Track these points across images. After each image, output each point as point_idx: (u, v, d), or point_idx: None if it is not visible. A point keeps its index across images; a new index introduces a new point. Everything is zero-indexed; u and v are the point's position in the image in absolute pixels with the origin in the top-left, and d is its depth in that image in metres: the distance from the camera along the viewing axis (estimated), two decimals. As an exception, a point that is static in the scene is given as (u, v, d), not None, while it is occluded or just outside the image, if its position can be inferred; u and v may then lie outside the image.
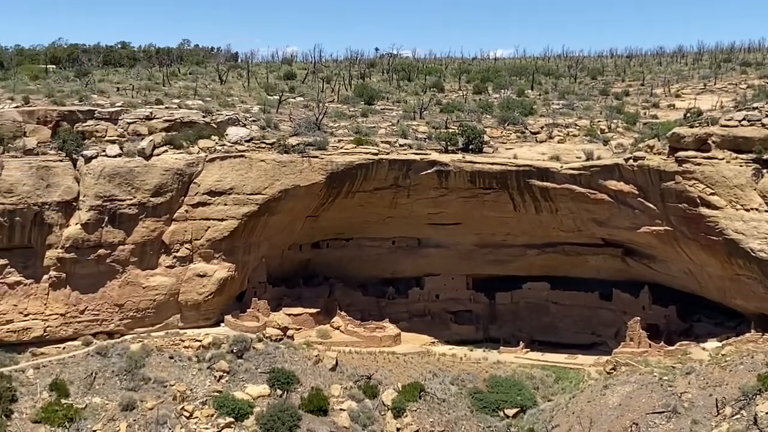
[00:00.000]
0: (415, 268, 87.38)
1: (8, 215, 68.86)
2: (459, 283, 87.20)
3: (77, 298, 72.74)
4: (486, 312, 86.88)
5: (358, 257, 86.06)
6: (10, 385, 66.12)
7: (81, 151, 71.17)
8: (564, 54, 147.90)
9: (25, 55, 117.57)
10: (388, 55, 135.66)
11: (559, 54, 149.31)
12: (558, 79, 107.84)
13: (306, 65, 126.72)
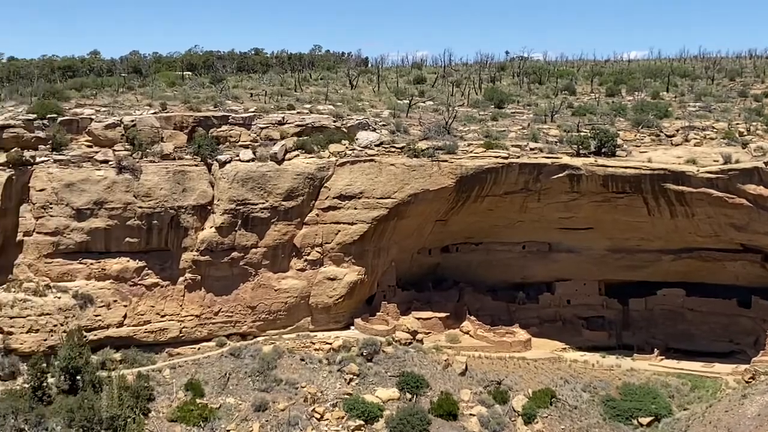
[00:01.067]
0: (545, 273, 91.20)
1: (146, 218, 77.46)
2: (591, 289, 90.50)
3: (212, 299, 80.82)
4: (619, 318, 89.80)
5: (488, 261, 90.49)
6: (147, 385, 74.14)
7: (215, 156, 78.90)
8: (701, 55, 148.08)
9: (162, 62, 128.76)
10: (519, 58, 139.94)
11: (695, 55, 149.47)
12: (694, 80, 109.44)
13: (436, 69, 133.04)
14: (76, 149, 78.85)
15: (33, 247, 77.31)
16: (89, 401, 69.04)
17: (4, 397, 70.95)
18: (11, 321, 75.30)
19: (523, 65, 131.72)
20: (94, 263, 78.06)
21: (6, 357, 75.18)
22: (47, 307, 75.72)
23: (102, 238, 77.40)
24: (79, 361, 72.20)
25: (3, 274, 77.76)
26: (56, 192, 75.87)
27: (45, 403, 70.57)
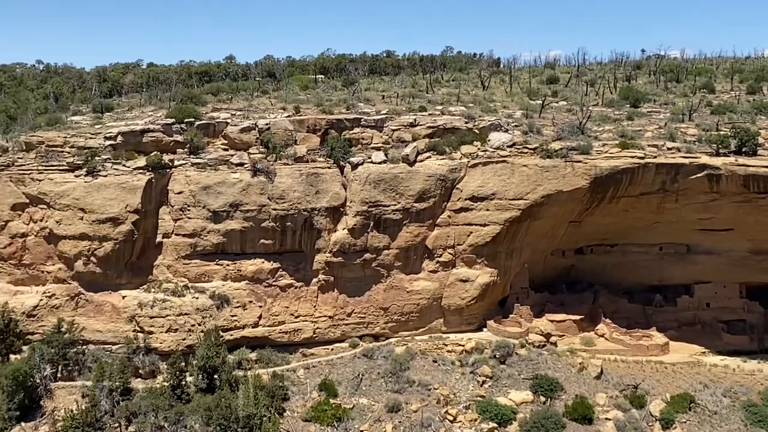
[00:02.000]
0: (683, 275, 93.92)
1: (280, 220, 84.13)
2: (731, 291, 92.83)
3: (344, 301, 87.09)
4: (761, 322, 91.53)
5: (623, 263, 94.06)
6: (282, 384, 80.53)
7: (348, 158, 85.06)
8: None
9: (295, 66, 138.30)
10: (655, 56, 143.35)
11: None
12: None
13: (569, 69, 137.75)
14: (212, 152, 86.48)
15: (172, 248, 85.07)
16: (226, 400, 74.85)
17: (144, 395, 78.30)
18: (151, 321, 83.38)
19: (659, 63, 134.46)
20: (230, 264, 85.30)
21: (146, 356, 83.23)
22: (185, 307, 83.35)
23: (238, 239, 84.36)
24: (216, 360, 79.04)
25: (143, 275, 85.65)
26: (194, 194, 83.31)
27: (184, 401, 77.46)
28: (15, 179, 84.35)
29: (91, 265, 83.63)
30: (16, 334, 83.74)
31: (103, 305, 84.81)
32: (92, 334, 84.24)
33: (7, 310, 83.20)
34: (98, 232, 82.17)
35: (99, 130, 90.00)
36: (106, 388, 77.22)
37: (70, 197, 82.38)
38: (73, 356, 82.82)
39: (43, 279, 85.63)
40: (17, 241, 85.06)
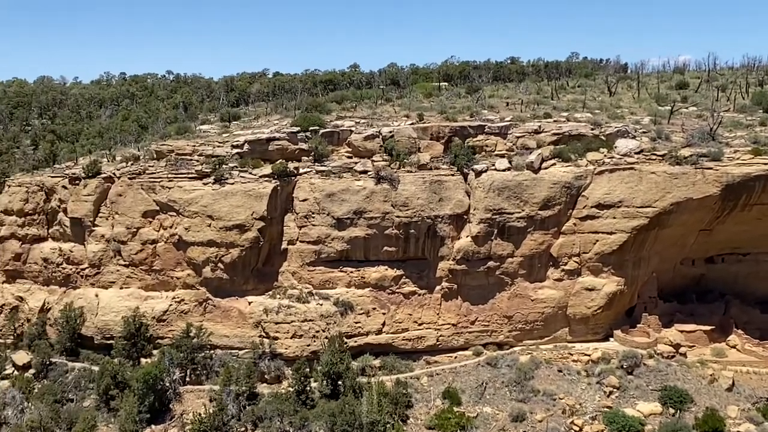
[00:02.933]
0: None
1: (404, 228, 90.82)
2: None
3: (468, 308, 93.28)
4: None
5: (756, 273, 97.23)
6: (406, 391, 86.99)
7: (471, 166, 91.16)
8: None
9: (419, 73, 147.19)
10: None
11: None
12: None
13: (699, 74, 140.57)
14: (336, 160, 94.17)
15: (297, 255, 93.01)
16: (350, 406, 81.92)
17: (270, 400, 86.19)
18: (277, 326, 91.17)
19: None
20: (353, 271, 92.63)
21: (272, 361, 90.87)
22: (310, 313, 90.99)
23: (361, 246, 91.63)
24: (340, 366, 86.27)
25: (269, 281, 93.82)
26: (318, 202, 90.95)
27: (308, 407, 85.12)
28: (146, 187, 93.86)
29: (218, 271, 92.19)
30: (147, 338, 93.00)
31: (230, 311, 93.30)
32: (219, 339, 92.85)
33: (139, 314, 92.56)
34: (225, 238, 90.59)
35: (226, 138, 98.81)
36: (233, 393, 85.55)
37: (198, 204, 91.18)
38: (201, 360, 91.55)
39: (172, 284, 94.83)
40: (148, 248, 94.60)
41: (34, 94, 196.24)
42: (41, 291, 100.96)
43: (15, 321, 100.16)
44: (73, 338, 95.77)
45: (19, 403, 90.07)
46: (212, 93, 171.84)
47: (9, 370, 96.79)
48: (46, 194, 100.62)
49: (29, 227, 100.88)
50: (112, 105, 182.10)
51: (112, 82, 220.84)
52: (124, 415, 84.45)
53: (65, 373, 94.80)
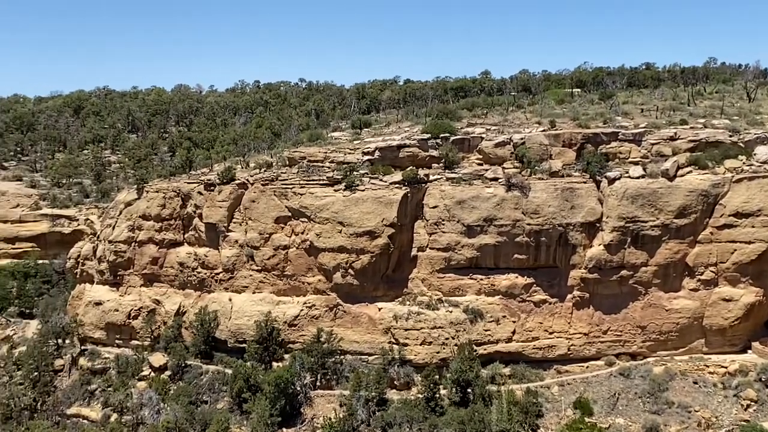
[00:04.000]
0: None
1: (534, 235, 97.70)
2: None
3: (600, 318, 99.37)
4: None
5: None
6: (536, 401, 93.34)
7: (604, 173, 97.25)
8: None
9: (551, 80, 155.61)
10: None
11: None
12: None
13: None
14: (467, 167, 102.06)
15: (426, 262, 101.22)
16: (479, 414, 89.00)
17: (399, 406, 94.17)
18: (406, 333, 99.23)
19: None
20: (483, 279, 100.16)
21: (401, 367, 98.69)
22: (439, 320, 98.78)
23: (491, 254, 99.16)
24: (469, 374, 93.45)
25: (398, 288, 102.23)
26: (448, 209, 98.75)
27: (437, 414, 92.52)
28: (278, 193, 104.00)
29: (349, 277, 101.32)
30: (279, 342, 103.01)
31: (360, 316, 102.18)
32: (349, 344, 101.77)
33: (271, 319, 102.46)
34: (356, 245, 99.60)
35: (357, 145, 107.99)
36: (362, 398, 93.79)
37: (329, 211, 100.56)
38: (331, 365, 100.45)
39: (303, 290, 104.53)
40: (280, 253, 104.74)
41: (172, 103, 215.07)
42: (177, 294, 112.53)
43: (152, 324, 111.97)
44: (208, 341, 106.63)
45: (156, 404, 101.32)
46: (344, 100, 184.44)
47: (146, 371, 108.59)
48: (182, 200, 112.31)
49: (166, 232, 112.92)
50: (246, 112, 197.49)
51: (247, 90, 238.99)
52: (256, 418, 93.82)
53: (200, 375, 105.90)
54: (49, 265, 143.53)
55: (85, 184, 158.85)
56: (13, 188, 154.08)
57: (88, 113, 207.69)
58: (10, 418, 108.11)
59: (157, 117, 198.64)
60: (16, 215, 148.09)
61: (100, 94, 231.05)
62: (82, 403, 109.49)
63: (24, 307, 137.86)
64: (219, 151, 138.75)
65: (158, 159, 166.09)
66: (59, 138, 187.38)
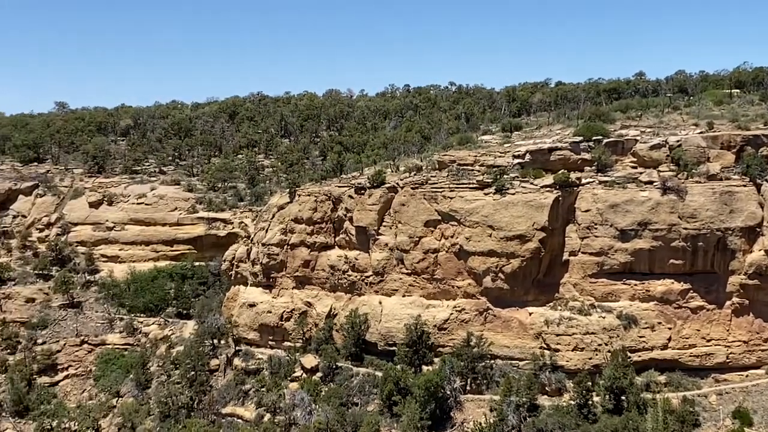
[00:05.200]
0: None
1: (691, 240, 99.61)
2: None
3: (760, 325, 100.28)
4: None
5: None
6: (693, 410, 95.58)
7: (765, 176, 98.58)
8: None
9: (709, 80, 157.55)
10: None
11: None
12: None
13: None
14: (620, 170, 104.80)
15: (578, 266, 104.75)
16: (634, 422, 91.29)
17: (551, 412, 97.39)
18: (558, 338, 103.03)
19: None
20: (637, 284, 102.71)
21: (553, 373, 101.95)
22: (592, 326, 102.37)
23: (645, 259, 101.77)
24: (623, 381, 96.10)
25: (550, 292, 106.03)
26: (601, 213, 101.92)
27: (590, 421, 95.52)
28: (428, 197, 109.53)
29: (498, 281, 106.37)
30: (428, 346, 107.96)
31: (510, 321, 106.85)
32: (499, 349, 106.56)
33: (420, 322, 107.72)
34: (506, 249, 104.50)
35: (508, 148, 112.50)
36: (513, 403, 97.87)
37: (479, 214, 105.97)
38: (481, 370, 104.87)
39: (453, 293, 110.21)
40: (429, 257, 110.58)
41: (323, 107, 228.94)
42: (328, 297, 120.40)
43: (304, 325, 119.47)
44: (358, 344, 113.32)
45: (307, 405, 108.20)
46: (494, 103, 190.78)
47: (298, 372, 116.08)
48: (333, 203, 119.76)
49: (317, 235, 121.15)
50: (396, 116, 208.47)
51: (397, 94, 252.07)
52: (406, 421, 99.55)
53: (350, 377, 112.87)
54: (205, 267, 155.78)
55: (239, 187, 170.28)
56: (171, 192, 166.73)
57: (242, 118, 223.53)
58: (168, 416, 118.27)
59: (309, 122, 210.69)
60: (174, 218, 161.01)
61: (254, 99, 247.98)
62: (237, 403, 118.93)
63: (181, 308, 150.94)
64: (369, 155, 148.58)
65: (310, 163, 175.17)
66: (215, 143, 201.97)
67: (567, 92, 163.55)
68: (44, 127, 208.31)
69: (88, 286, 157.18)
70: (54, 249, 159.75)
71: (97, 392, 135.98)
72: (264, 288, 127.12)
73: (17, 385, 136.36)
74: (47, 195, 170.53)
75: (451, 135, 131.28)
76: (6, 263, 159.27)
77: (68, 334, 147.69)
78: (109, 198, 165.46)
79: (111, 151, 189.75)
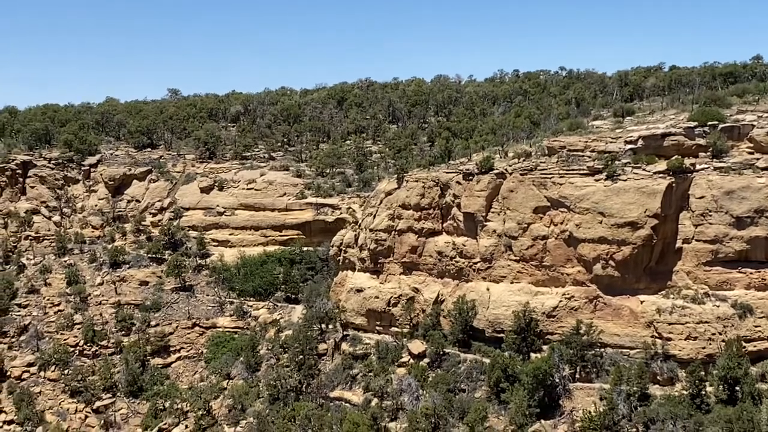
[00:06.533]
0: None
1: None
2: None
3: None
4: None
5: None
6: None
7: None
8: None
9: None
10: None
11: None
12: None
13: None
14: (736, 156, 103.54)
15: (692, 254, 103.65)
16: (748, 413, 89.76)
17: (662, 402, 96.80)
18: (670, 327, 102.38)
19: None
20: (753, 273, 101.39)
21: (665, 362, 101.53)
22: (705, 315, 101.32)
23: (762, 247, 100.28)
24: (737, 371, 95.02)
25: (662, 281, 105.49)
26: (715, 199, 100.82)
27: (703, 411, 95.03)
28: (537, 183, 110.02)
29: (609, 268, 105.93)
30: (537, 333, 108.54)
31: (620, 309, 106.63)
32: (609, 337, 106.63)
33: (529, 309, 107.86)
34: (617, 235, 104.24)
35: (619, 134, 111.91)
36: (623, 392, 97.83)
37: (589, 201, 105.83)
38: (590, 358, 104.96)
39: (562, 281, 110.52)
40: (538, 243, 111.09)
41: (431, 93, 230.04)
42: (435, 283, 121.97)
43: (411, 311, 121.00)
44: (465, 330, 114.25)
45: (415, 390, 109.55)
46: (605, 88, 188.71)
47: (405, 358, 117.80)
48: (440, 189, 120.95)
49: (425, 221, 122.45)
50: (504, 102, 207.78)
51: (506, 80, 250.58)
52: (514, 408, 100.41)
53: (457, 363, 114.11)
54: (314, 252, 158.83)
55: (347, 173, 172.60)
56: (280, 177, 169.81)
57: (350, 104, 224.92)
58: (277, 399, 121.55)
59: (416, 107, 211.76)
60: (283, 204, 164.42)
61: (362, 85, 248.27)
62: (345, 387, 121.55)
63: (290, 293, 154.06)
64: (477, 140, 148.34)
65: (418, 149, 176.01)
66: (323, 129, 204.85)
67: (681, 76, 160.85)
68: (157, 113, 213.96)
69: (199, 270, 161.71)
70: (166, 233, 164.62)
71: (208, 374, 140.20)
72: (371, 273, 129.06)
73: (131, 366, 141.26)
74: (160, 180, 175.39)
75: (561, 120, 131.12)
76: (121, 247, 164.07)
77: (180, 317, 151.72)
78: (219, 183, 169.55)
79: (222, 137, 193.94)
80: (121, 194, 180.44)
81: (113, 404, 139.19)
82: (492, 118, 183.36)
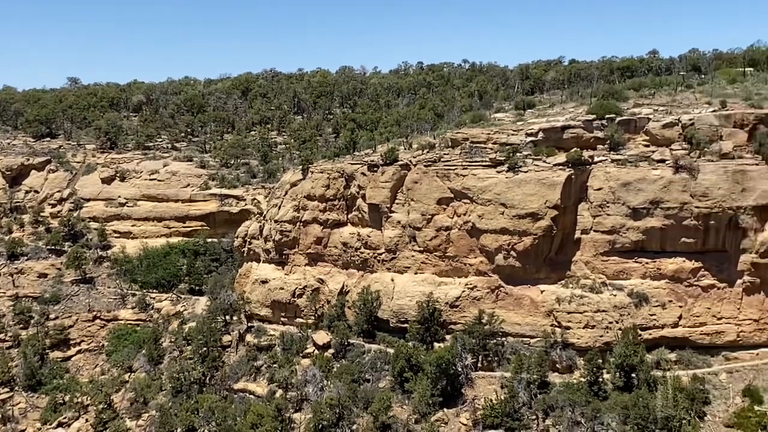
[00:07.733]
0: None
1: (703, 218, 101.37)
2: None
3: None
4: None
5: None
6: (703, 387, 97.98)
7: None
8: None
9: (722, 59, 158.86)
10: None
11: None
12: None
13: None
14: (632, 148, 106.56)
15: (590, 244, 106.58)
16: (644, 400, 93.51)
17: (561, 389, 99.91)
18: (569, 316, 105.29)
19: None
20: (648, 262, 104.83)
21: (564, 350, 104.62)
22: (603, 304, 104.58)
23: (657, 237, 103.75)
24: (633, 359, 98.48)
25: (561, 270, 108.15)
26: (613, 191, 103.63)
27: (600, 398, 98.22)
28: (440, 174, 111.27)
29: (510, 259, 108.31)
30: (440, 323, 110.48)
31: (521, 299, 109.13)
32: (511, 326, 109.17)
33: (432, 299, 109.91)
34: (518, 226, 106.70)
35: (521, 126, 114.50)
36: (524, 380, 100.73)
37: (491, 192, 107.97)
38: (492, 347, 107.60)
39: (465, 271, 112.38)
40: (442, 234, 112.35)
41: (336, 84, 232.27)
42: (340, 274, 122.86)
43: (316, 302, 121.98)
44: (370, 320, 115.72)
45: (319, 381, 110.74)
46: (507, 81, 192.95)
47: (310, 348, 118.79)
48: (346, 180, 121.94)
49: (330, 212, 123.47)
50: (409, 94, 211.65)
51: (410, 72, 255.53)
52: (418, 397, 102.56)
53: (362, 354, 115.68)
54: (218, 243, 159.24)
55: (252, 164, 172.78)
56: (184, 168, 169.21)
57: (255, 95, 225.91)
58: (180, 392, 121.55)
59: (321, 99, 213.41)
60: (186, 195, 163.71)
61: (267, 76, 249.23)
62: (249, 379, 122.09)
63: (194, 284, 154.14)
64: (382, 132, 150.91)
65: (323, 140, 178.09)
66: (228, 119, 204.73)
67: (580, 70, 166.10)
68: (56, 102, 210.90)
69: (100, 262, 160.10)
70: (66, 224, 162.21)
71: (110, 367, 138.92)
72: (276, 265, 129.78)
73: (30, 359, 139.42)
74: (59, 170, 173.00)
75: (464, 113, 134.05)
76: (19, 238, 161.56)
77: (80, 310, 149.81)
78: (121, 174, 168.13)
79: (123, 127, 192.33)
80: (19, 185, 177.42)
81: (11, 398, 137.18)
82: (396, 109, 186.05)
